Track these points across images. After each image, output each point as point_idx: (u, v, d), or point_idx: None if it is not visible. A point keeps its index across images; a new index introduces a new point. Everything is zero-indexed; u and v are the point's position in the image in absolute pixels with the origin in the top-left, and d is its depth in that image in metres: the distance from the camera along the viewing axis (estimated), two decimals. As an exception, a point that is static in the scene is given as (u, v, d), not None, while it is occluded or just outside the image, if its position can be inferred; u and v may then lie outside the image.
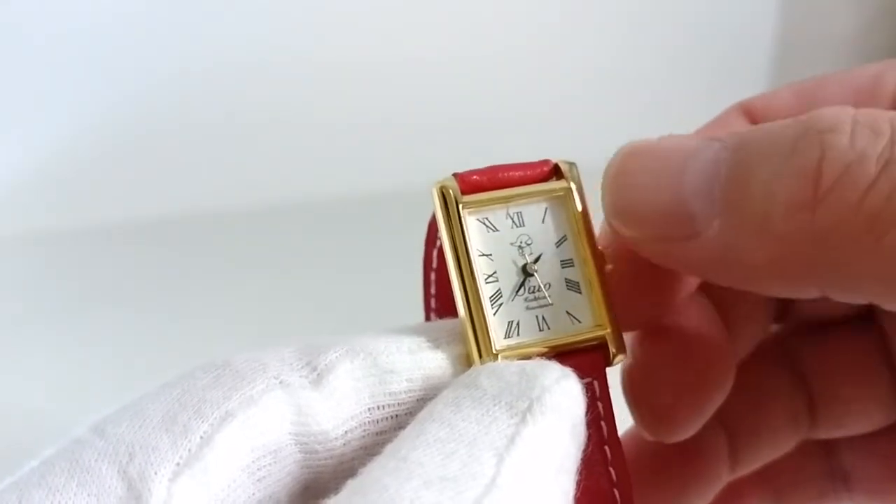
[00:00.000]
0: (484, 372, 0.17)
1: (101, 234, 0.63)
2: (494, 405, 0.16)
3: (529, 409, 0.15)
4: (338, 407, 0.17)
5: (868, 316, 0.25)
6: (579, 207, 0.20)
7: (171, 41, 0.61)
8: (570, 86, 0.68)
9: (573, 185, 0.20)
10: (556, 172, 0.20)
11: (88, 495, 0.15)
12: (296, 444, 0.17)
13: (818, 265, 0.16)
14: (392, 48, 0.65)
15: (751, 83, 0.69)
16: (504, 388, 0.16)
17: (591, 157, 0.24)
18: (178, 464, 0.15)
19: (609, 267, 0.20)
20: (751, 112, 0.23)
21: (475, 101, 0.66)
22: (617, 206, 0.19)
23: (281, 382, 0.17)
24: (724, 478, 0.25)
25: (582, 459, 0.17)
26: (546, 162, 0.20)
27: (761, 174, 0.16)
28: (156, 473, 0.15)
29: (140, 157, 0.64)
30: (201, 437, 0.15)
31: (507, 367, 0.17)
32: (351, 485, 0.15)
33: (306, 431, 0.17)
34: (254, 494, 0.16)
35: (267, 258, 0.62)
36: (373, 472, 0.14)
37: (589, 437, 0.18)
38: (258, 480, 0.16)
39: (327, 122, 0.65)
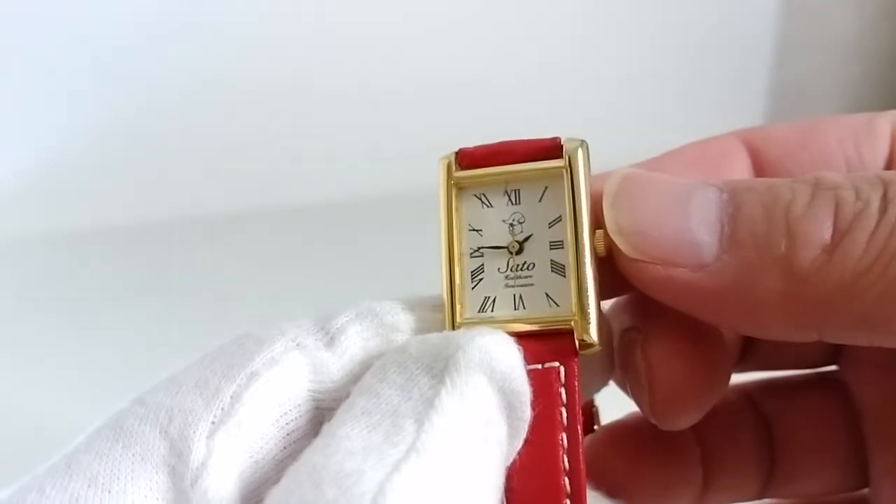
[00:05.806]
0: (415, 338, 0.18)
1: (100, 237, 0.63)
2: (416, 368, 0.16)
3: (445, 368, 0.16)
4: (350, 365, 0.18)
5: (836, 379, 0.26)
6: (578, 187, 0.19)
7: (170, 46, 0.61)
8: (570, 90, 0.68)
9: (576, 164, 0.19)
10: (561, 150, 0.19)
11: (133, 455, 0.16)
12: (314, 401, 0.18)
13: (830, 300, 0.17)
14: (393, 49, 0.65)
15: (752, 84, 0.69)
16: (425, 350, 0.17)
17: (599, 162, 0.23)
18: (212, 422, 0.17)
19: (602, 253, 0.19)
20: (749, 142, 0.23)
21: (481, 105, 0.66)
22: (622, 225, 0.19)
23: (298, 345, 0.18)
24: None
25: (529, 439, 0.17)
26: (555, 139, 0.20)
27: (776, 217, 0.18)
28: (194, 432, 0.16)
29: (139, 161, 0.64)
30: (231, 397, 0.17)
31: (437, 334, 0.18)
32: (289, 468, 0.16)
33: (322, 389, 0.18)
34: (285, 448, 0.17)
35: (266, 260, 0.62)
36: (306, 452, 0.16)
37: (542, 419, 0.18)
38: (287, 434, 0.17)
39: (327, 125, 0.65)
